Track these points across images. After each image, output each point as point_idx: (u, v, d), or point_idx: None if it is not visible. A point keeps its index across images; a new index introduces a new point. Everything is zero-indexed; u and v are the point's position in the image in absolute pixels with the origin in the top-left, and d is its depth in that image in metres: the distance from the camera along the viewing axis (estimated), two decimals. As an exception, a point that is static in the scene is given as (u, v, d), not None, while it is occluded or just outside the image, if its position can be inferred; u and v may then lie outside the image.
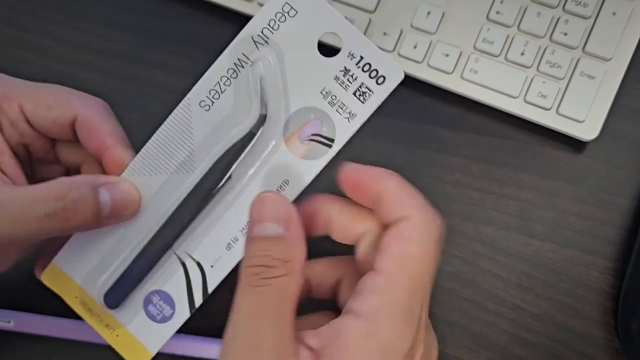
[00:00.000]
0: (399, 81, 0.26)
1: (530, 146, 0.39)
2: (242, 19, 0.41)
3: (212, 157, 0.28)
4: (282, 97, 0.27)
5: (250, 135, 0.27)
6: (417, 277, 0.24)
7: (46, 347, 0.38)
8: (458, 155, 0.39)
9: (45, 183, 0.27)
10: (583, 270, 0.37)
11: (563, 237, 0.37)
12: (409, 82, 0.39)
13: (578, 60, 0.37)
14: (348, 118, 0.27)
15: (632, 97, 0.38)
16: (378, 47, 0.28)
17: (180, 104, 0.27)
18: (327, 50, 0.27)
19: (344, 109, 0.27)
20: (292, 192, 0.27)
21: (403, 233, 0.25)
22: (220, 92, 0.27)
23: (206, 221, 0.29)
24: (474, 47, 0.38)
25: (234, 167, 0.28)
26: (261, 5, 0.40)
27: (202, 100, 0.27)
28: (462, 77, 0.38)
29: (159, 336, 0.29)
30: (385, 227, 0.26)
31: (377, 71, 0.26)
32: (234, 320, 0.24)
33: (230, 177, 0.28)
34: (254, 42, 0.26)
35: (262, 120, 0.27)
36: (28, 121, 0.30)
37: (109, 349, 0.36)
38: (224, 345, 0.23)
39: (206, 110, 0.27)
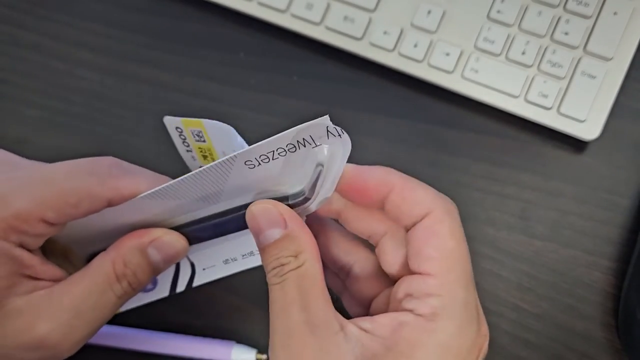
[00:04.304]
0: None
1: (531, 146, 0.38)
2: (242, 19, 0.41)
3: (240, 197, 0.27)
4: (331, 191, 0.26)
5: (284, 199, 0.26)
6: (464, 271, 0.25)
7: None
8: (458, 155, 0.39)
9: (94, 267, 0.27)
10: (584, 271, 0.37)
11: (564, 237, 0.37)
12: (410, 82, 0.39)
13: (579, 59, 0.37)
14: None
15: (633, 96, 0.38)
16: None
17: (225, 159, 0.25)
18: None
19: None
20: None
21: (434, 230, 0.25)
22: (270, 159, 0.25)
23: (213, 239, 0.29)
24: (475, 46, 0.38)
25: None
26: (261, 5, 0.40)
27: (249, 161, 0.25)
28: (462, 76, 0.38)
29: (133, 299, 0.31)
30: (403, 227, 0.26)
31: None
32: (270, 318, 0.25)
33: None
34: (327, 130, 0.24)
35: (302, 199, 0.26)
36: (57, 223, 0.26)
37: (108, 350, 0.36)
38: (269, 341, 0.25)
39: (250, 168, 0.25)
